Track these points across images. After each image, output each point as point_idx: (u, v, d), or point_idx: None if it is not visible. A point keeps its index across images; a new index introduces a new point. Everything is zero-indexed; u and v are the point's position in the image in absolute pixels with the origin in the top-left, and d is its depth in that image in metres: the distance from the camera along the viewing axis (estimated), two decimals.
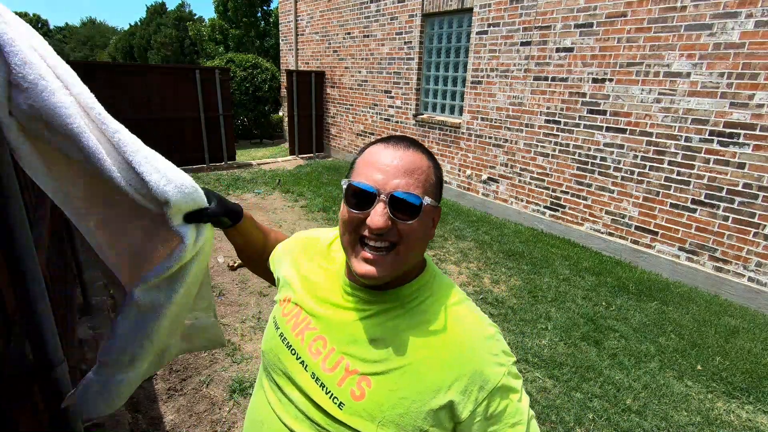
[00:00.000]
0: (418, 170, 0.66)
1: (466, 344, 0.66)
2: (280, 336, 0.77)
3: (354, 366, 0.67)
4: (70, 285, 2.70)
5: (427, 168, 0.67)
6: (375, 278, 0.66)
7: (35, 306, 0.89)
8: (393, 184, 0.64)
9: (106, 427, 1.94)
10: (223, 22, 21.85)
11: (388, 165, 0.65)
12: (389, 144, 0.68)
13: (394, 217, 0.63)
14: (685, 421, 2.24)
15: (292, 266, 0.87)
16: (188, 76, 6.84)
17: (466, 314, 0.71)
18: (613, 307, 3.36)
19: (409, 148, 0.67)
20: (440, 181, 0.71)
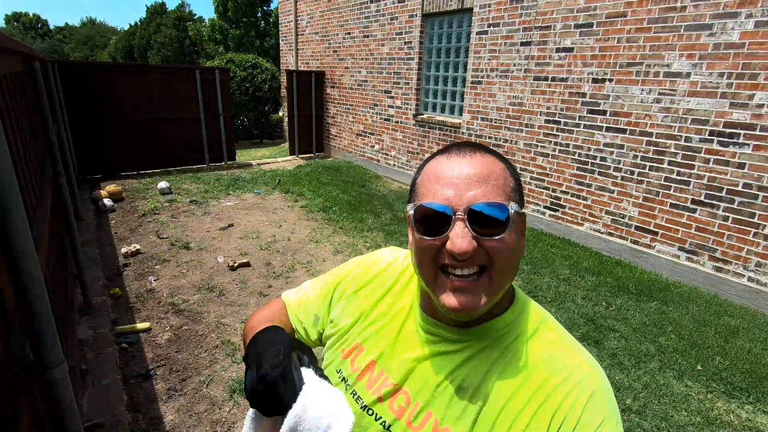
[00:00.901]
0: (493, 174, 0.56)
1: (568, 399, 0.55)
2: (353, 395, 0.66)
3: (444, 423, 0.58)
4: (70, 285, 2.70)
5: (502, 171, 0.57)
6: (471, 310, 0.55)
7: (35, 306, 0.89)
8: (469, 197, 0.54)
9: (106, 427, 1.94)
10: (223, 22, 21.84)
11: (458, 176, 0.55)
12: (452, 153, 0.59)
13: (478, 235, 0.53)
14: (685, 421, 2.24)
15: (351, 306, 0.74)
16: (188, 76, 6.84)
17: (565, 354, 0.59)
18: (613, 307, 3.36)
19: (476, 153, 0.58)
20: (519, 183, 0.60)
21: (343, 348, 0.71)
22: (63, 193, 2.86)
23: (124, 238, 4.31)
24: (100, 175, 6.37)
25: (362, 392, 0.65)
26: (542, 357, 0.58)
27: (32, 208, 1.82)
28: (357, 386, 0.66)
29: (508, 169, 0.59)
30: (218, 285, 3.47)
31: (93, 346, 2.49)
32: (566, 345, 0.60)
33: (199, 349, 2.69)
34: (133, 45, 29.33)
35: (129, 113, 6.41)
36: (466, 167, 0.56)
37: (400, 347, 0.65)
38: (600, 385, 0.56)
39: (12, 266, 0.84)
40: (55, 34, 54.62)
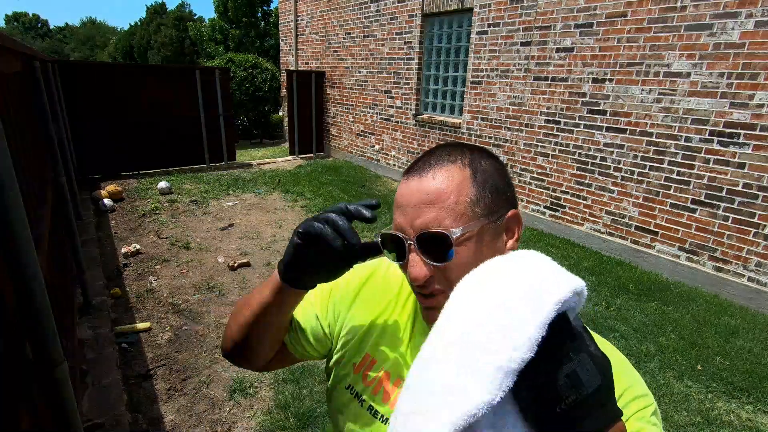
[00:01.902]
0: (443, 195, 0.53)
1: None
2: (369, 410, 0.64)
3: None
4: (70, 285, 2.70)
5: (456, 186, 0.53)
6: None
7: (35, 306, 0.89)
8: (417, 225, 0.53)
9: (106, 427, 1.94)
10: (223, 22, 21.85)
11: (408, 203, 0.54)
12: (411, 173, 0.57)
13: (430, 261, 0.53)
14: (685, 421, 2.24)
15: (357, 313, 0.70)
16: (188, 76, 6.84)
17: None
18: (613, 307, 3.36)
19: (431, 169, 0.55)
20: (489, 186, 0.55)
21: (354, 362, 0.68)
22: (63, 193, 2.86)
23: (124, 238, 4.31)
24: (100, 175, 6.37)
25: (379, 406, 0.63)
26: None
27: (32, 208, 1.82)
28: (374, 401, 0.64)
29: (469, 177, 0.54)
30: (218, 285, 3.47)
31: (93, 346, 2.49)
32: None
33: (199, 349, 2.69)
34: (133, 45, 29.32)
35: (129, 113, 6.41)
36: (416, 191, 0.54)
37: (413, 357, 0.61)
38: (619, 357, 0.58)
39: (12, 266, 0.84)
40: (55, 34, 54.64)
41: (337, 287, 0.73)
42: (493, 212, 0.55)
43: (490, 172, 0.56)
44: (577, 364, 0.38)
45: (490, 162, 0.58)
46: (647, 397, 0.56)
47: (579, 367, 0.38)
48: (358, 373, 0.67)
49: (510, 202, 0.57)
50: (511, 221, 0.57)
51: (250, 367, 0.75)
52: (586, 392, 0.37)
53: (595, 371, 0.38)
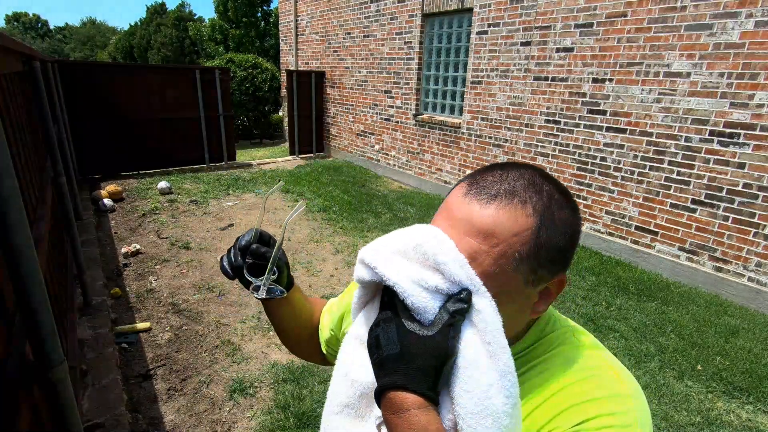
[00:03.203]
0: (493, 237, 0.47)
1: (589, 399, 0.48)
2: None
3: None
4: (70, 285, 2.70)
5: (513, 234, 0.47)
6: None
7: (35, 306, 0.89)
8: (462, 244, 0.49)
9: (106, 427, 1.94)
10: (223, 22, 21.85)
11: (456, 219, 0.50)
12: (475, 186, 0.51)
13: None
14: (685, 421, 2.24)
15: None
16: (188, 76, 6.84)
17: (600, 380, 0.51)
18: (613, 307, 3.36)
19: (496, 200, 0.49)
20: (549, 247, 0.48)
21: None
22: (63, 193, 2.86)
23: (124, 238, 4.31)
24: (100, 175, 6.37)
25: None
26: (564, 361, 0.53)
27: (32, 208, 1.82)
28: None
29: (532, 233, 0.48)
30: (218, 285, 3.47)
31: (93, 346, 2.49)
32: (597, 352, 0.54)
33: (199, 349, 2.69)
34: (133, 45, 29.32)
35: (129, 113, 6.41)
36: (468, 214, 0.49)
37: None
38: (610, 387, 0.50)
39: (12, 266, 0.84)
40: (55, 34, 54.65)
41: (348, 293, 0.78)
42: (541, 275, 0.49)
43: (560, 231, 0.49)
44: (381, 330, 0.47)
45: (567, 215, 0.50)
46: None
47: (382, 334, 0.46)
48: None
49: (564, 265, 0.50)
50: (553, 285, 0.51)
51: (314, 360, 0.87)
52: (383, 355, 0.45)
53: (395, 341, 0.45)
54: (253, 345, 2.75)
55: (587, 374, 0.51)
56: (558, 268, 0.50)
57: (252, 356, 2.64)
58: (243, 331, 2.88)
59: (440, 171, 6.34)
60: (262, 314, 3.09)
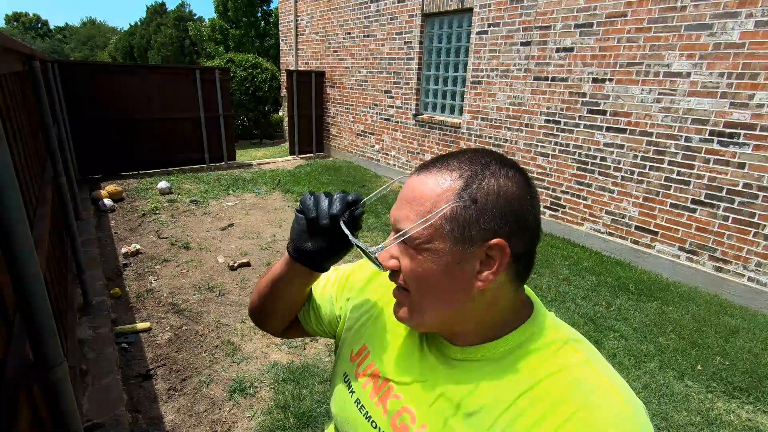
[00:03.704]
0: (421, 198, 0.52)
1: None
2: (356, 403, 0.64)
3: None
4: (70, 285, 2.70)
5: (437, 194, 0.51)
6: (403, 321, 0.58)
7: (35, 305, 0.89)
8: (392, 217, 0.56)
9: (106, 427, 1.94)
10: (223, 22, 21.85)
11: (402, 196, 0.56)
12: (420, 167, 0.57)
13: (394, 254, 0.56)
14: (685, 421, 2.24)
15: (366, 304, 0.72)
16: (188, 76, 6.84)
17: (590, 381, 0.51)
18: (613, 307, 3.36)
19: (430, 170, 0.54)
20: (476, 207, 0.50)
21: (352, 349, 0.70)
22: (63, 193, 2.86)
23: (124, 238, 4.31)
24: (100, 175, 6.37)
25: (366, 401, 0.63)
26: (566, 383, 0.50)
27: (32, 207, 1.82)
28: (362, 395, 0.64)
29: (455, 193, 0.50)
30: (218, 285, 3.47)
31: (93, 346, 2.49)
32: (596, 370, 0.52)
33: (199, 349, 2.69)
34: (133, 45, 29.32)
35: (129, 113, 6.41)
36: (410, 187, 0.55)
37: (405, 356, 0.62)
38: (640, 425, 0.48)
39: (12, 266, 0.84)
40: (55, 34, 54.65)
41: (353, 272, 0.77)
42: (469, 235, 0.50)
43: (489, 193, 0.50)
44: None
45: (501, 183, 0.51)
46: None
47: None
48: (354, 362, 0.68)
49: (500, 230, 0.50)
50: (493, 251, 0.50)
51: (268, 329, 0.81)
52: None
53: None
54: (253, 345, 2.75)
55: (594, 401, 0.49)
56: (490, 231, 0.50)
57: (252, 356, 2.64)
58: (243, 331, 2.88)
59: None
60: None
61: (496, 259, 0.51)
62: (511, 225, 0.51)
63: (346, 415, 0.65)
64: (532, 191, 0.53)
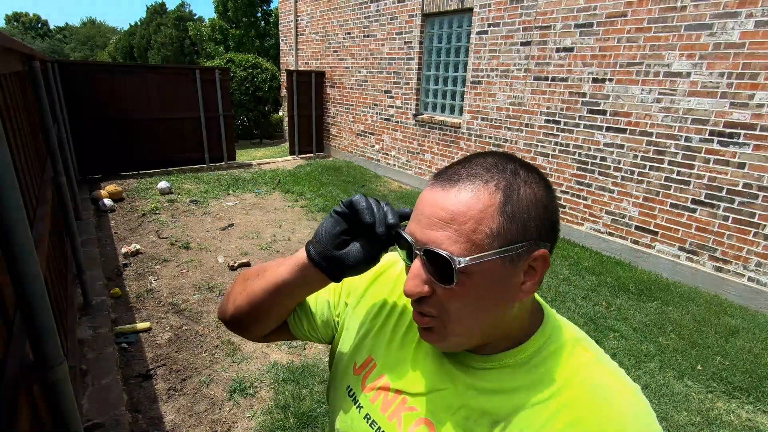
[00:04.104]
0: (461, 218, 0.47)
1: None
2: (366, 418, 0.60)
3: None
4: (70, 285, 2.70)
5: (479, 211, 0.47)
6: (437, 346, 0.56)
7: (35, 305, 0.89)
8: (427, 236, 0.49)
9: (106, 427, 1.94)
10: (223, 22, 21.85)
11: (424, 211, 0.50)
12: (440, 177, 0.52)
13: (433, 278, 0.50)
14: (685, 421, 2.24)
15: (367, 311, 0.68)
16: (188, 76, 6.84)
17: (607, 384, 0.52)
18: (613, 307, 3.36)
19: (458, 183, 0.49)
20: (518, 219, 0.48)
21: (355, 361, 0.66)
22: (63, 193, 2.86)
23: (124, 238, 4.31)
24: (100, 175, 6.37)
25: (377, 416, 0.59)
26: (587, 388, 0.51)
27: (32, 207, 1.82)
28: (371, 409, 0.60)
29: (497, 207, 0.47)
30: (218, 285, 3.47)
31: (93, 346, 2.49)
32: (605, 368, 0.53)
33: (199, 349, 2.69)
34: (133, 45, 29.33)
35: (129, 113, 6.41)
36: (435, 202, 0.49)
37: (418, 366, 0.59)
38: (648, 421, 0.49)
39: (12, 266, 0.84)
40: (55, 34, 54.65)
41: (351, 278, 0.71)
42: (516, 249, 0.48)
43: (528, 203, 0.48)
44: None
45: (534, 189, 0.49)
46: None
47: None
48: (359, 375, 0.64)
49: (541, 239, 0.49)
50: (536, 262, 0.49)
51: (247, 336, 0.74)
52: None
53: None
54: (253, 345, 2.75)
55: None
56: (534, 243, 0.49)
57: (252, 356, 2.64)
58: None
59: None
60: None
61: (538, 269, 0.50)
62: (549, 231, 0.50)
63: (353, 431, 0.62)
64: (553, 191, 0.53)
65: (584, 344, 0.56)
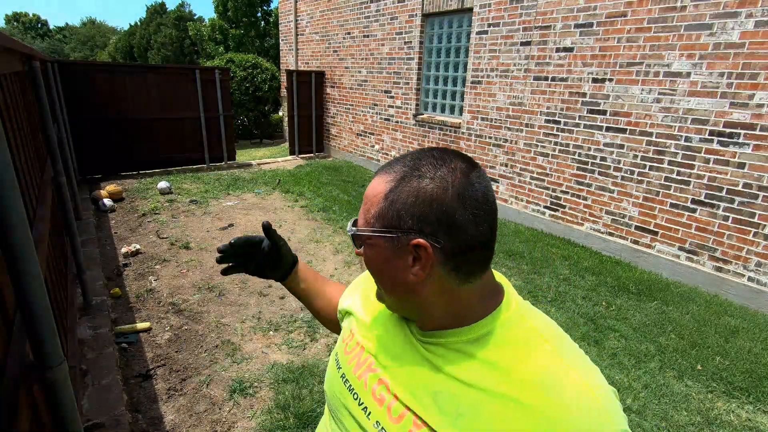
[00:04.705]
0: (368, 198, 0.59)
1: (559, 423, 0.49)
2: (342, 377, 0.69)
3: (420, 422, 0.56)
4: (70, 285, 2.70)
5: (374, 195, 0.57)
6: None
7: (35, 306, 0.89)
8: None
9: (106, 427, 1.94)
10: (223, 22, 21.85)
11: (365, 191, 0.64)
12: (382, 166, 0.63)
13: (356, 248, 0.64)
14: (685, 421, 2.24)
15: (361, 298, 0.78)
16: (188, 76, 6.84)
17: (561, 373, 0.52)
18: (613, 307, 3.36)
19: (382, 170, 0.59)
20: (397, 207, 0.54)
21: (343, 334, 0.77)
22: (63, 193, 2.86)
23: (124, 238, 4.32)
24: (100, 175, 6.37)
25: (350, 375, 0.68)
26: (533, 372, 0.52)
27: (32, 207, 1.82)
28: (346, 368, 0.69)
29: (383, 194, 0.55)
30: (218, 285, 3.47)
31: (93, 346, 2.49)
32: (562, 361, 0.53)
33: (199, 349, 2.69)
34: (133, 45, 29.33)
35: (129, 113, 6.41)
36: (368, 187, 0.61)
37: (389, 334, 0.66)
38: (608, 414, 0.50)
39: (12, 266, 0.84)
40: (55, 34, 54.63)
41: (360, 278, 0.86)
42: (394, 233, 0.55)
43: (408, 195, 0.54)
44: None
45: (424, 185, 0.53)
46: None
47: None
48: (345, 342, 0.73)
49: (423, 231, 0.53)
50: (419, 249, 0.53)
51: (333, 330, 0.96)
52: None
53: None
54: (253, 345, 2.75)
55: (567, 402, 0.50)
56: (412, 232, 0.54)
57: (252, 356, 2.64)
58: (243, 331, 2.88)
59: None
60: (261, 314, 3.09)
61: (422, 257, 0.54)
62: (434, 225, 0.53)
63: (333, 390, 0.70)
64: (468, 191, 0.53)
65: (541, 335, 0.56)
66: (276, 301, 3.29)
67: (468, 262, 0.55)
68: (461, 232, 0.53)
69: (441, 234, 0.53)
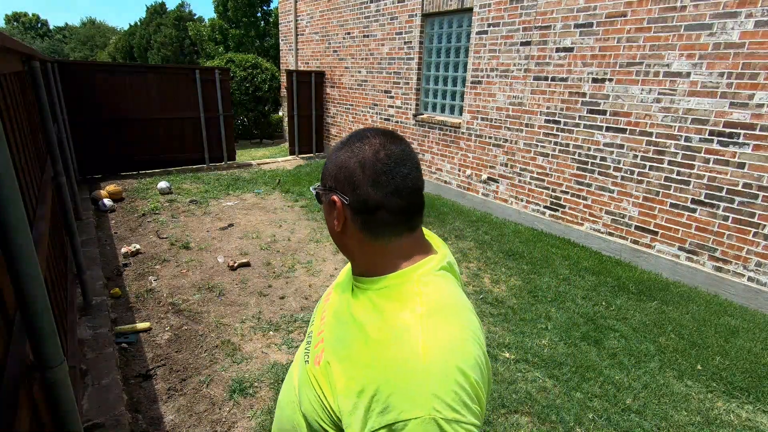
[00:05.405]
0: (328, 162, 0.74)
1: (392, 362, 0.58)
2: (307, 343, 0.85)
3: (323, 338, 0.74)
4: (70, 285, 2.70)
5: (332, 161, 0.71)
6: None
7: (35, 306, 0.89)
8: None
9: (106, 427, 1.94)
10: (223, 22, 21.84)
11: None
12: None
13: None
14: (685, 421, 2.24)
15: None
16: (188, 76, 6.84)
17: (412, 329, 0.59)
18: (613, 306, 3.36)
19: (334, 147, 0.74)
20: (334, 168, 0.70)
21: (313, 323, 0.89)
22: (63, 193, 2.86)
23: (124, 238, 4.31)
24: (100, 175, 6.37)
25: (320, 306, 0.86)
26: (394, 326, 0.61)
27: (32, 207, 1.82)
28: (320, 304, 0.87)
29: (327, 161, 0.72)
30: (218, 285, 3.47)
31: (93, 346, 2.49)
32: (421, 325, 0.60)
33: (199, 349, 2.69)
34: (133, 45, 29.32)
35: (129, 113, 6.41)
36: None
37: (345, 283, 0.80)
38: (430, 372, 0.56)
39: (12, 266, 0.84)
40: (55, 34, 54.59)
41: None
42: (323, 190, 0.72)
43: (333, 161, 0.70)
44: None
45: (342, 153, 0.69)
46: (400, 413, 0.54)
47: None
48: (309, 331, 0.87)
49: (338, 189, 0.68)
50: (335, 205, 0.69)
51: None
52: None
53: None
54: (253, 345, 2.75)
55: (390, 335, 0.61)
56: (330, 190, 0.70)
57: (252, 356, 2.64)
58: (243, 331, 2.88)
59: (440, 171, 6.34)
60: (261, 314, 3.09)
61: (337, 209, 0.69)
62: (342, 185, 0.68)
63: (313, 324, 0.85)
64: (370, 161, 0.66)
65: (424, 301, 0.63)
66: (276, 301, 3.29)
67: (375, 223, 0.67)
68: (362, 192, 0.66)
69: (348, 192, 0.67)
